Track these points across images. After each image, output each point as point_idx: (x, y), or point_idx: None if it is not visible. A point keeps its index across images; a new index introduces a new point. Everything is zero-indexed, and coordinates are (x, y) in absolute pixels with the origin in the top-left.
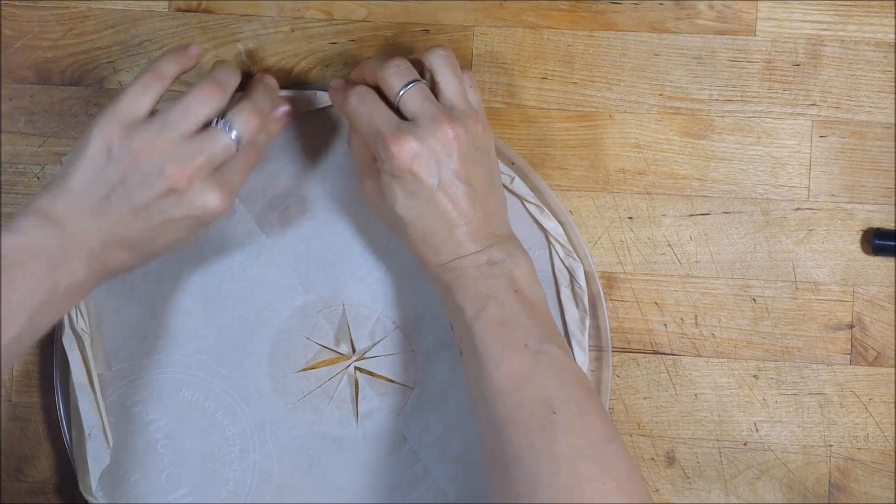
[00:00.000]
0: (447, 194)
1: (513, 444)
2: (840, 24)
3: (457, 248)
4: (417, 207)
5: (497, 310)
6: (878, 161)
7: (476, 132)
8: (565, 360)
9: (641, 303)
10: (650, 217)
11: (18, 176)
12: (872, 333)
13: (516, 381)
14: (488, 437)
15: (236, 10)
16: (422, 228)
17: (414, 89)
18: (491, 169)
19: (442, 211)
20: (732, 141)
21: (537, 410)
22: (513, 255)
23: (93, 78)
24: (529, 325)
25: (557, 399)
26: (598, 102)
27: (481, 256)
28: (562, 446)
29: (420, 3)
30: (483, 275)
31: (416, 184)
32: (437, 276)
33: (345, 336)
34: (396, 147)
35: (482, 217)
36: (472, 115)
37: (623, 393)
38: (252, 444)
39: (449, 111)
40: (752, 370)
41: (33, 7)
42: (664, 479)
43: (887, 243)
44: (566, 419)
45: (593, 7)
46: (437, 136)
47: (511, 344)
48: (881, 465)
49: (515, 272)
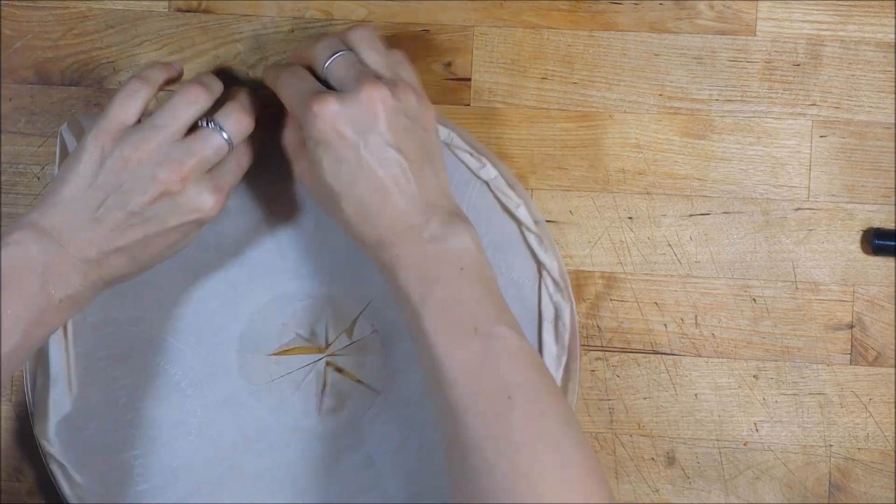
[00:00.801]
0: (375, 159)
1: (470, 432)
2: (840, 24)
3: (393, 219)
4: (346, 174)
5: (443, 293)
6: (878, 161)
7: (406, 100)
8: (518, 342)
9: (641, 303)
10: (650, 217)
11: (18, 176)
12: (872, 333)
13: (469, 367)
14: (445, 424)
15: (236, 10)
16: (353, 197)
17: (340, 58)
18: (426, 140)
19: (372, 179)
20: (732, 141)
21: (493, 397)
22: (456, 228)
23: (93, 78)
24: (478, 306)
25: (513, 384)
26: (598, 102)
27: (421, 231)
28: (519, 433)
29: (420, 3)
30: (425, 254)
31: (341, 148)
32: (377, 256)
33: (321, 330)
34: (318, 107)
35: (416, 186)
36: (401, 84)
37: (623, 393)
38: (212, 419)
39: (376, 75)
40: (752, 370)
41: (33, 7)
42: (664, 479)
43: (887, 243)
44: (522, 404)
45: (593, 7)
46: (359, 98)
47: (461, 329)
48: (881, 465)
49: (460, 248)
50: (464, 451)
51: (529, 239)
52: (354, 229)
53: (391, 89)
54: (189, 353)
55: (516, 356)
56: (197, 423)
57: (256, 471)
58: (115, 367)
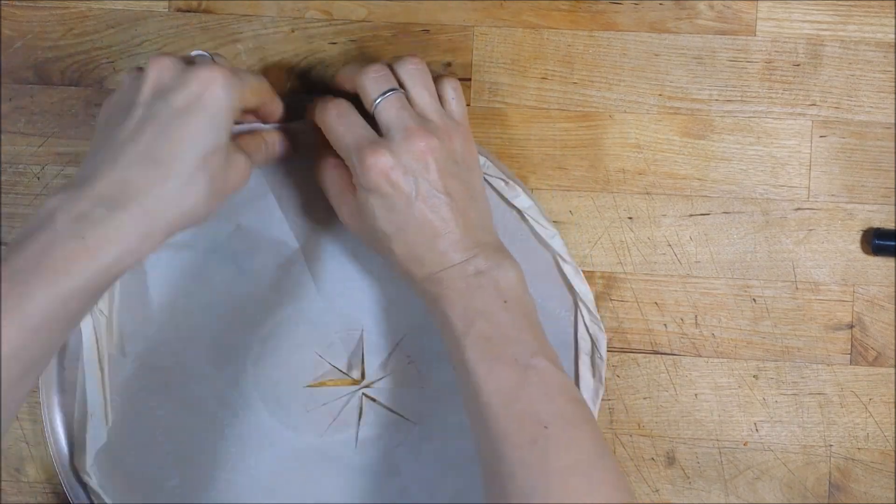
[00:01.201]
0: (426, 205)
1: (506, 460)
2: (840, 24)
3: (441, 258)
4: (397, 220)
5: (486, 325)
6: (878, 161)
7: (453, 144)
8: (555, 373)
9: (641, 303)
10: (650, 217)
11: (18, 176)
12: (872, 333)
13: (506, 396)
14: (483, 452)
15: (236, 10)
16: (404, 241)
17: (390, 98)
18: (470, 180)
19: (422, 221)
20: (732, 141)
21: (528, 425)
22: (500, 264)
23: (93, 78)
24: (519, 338)
25: (548, 413)
26: (598, 102)
27: (467, 266)
28: (553, 462)
29: (420, 3)
30: (470, 286)
31: (394, 196)
32: (424, 290)
33: (357, 362)
34: (372, 159)
35: (464, 227)
36: (449, 128)
37: (623, 393)
38: (250, 449)
39: (424, 123)
40: (752, 370)
41: (33, 7)
42: (664, 479)
43: (887, 243)
44: (557, 434)
45: (593, 7)
46: (410, 150)
47: (500, 359)
48: (881, 465)
49: (503, 282)
50: (500, 477)
51: (565, 269)
52: (403, 267)
53: (439, 137)
54: (225, 384)
55: (553, 387)
56: (235, 454)
57: (294, 499)
58: (151, 398)
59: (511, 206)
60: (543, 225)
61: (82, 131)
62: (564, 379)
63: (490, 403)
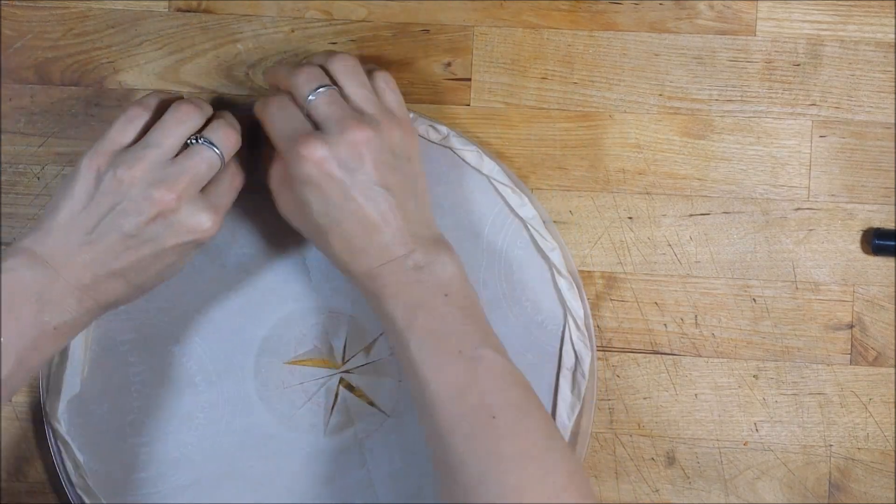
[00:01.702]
0: (362, 199)
1: (456, 450)
2: (840, 24)
3: (380, 252)
4: (333, 213)
5: (428, 318)
6: (878, 161)
7: (391, 136)
8: (502, 363)
9: (641, 303)
10: (650, 217)
11: (18, 176)
12: (872, 333)
13: (454, 389)
14: (432, 444)
15: (236, 10)
16: (340, 235)
17: (323, 94)
18: (409, 172)
19: (359, 216)
20: (732, 141)
21: (478, 416)
22: (439, 257)
23: (93, 78)
24: (462, 330)
25: (496, 404)
26: (598, 102)
27: (406, 261)
28: (506, 448)
29: (420, 3)
30: (410, 281)
31: (328, 189)
32: (364, 286)
33: (339, 346)
34: (305, 150)
35: (402, 220)
36: (387, 120)
37: (623, 393)
38: (220, 416)
39: (360, 116)
40: (752, 370)
41: (33, 7)
42: (664, 479)
43: (887, 243)
44: (507, 422)
45: (593, 7)
46: (344, 141)
47: (445, 352)
48: (881, 465)
49: (443, 276)
50: (452, 469)
51: (560, 283)
52: (341, 262)
53: (375, 129)
54: (208, 350)
55: (500, 377)
56: (204, 418)
57: (256, 475)
58: (132, 353)
59: (515, 215)
60: (545, 237)
61: (82, 131)
62: (511, 368)
63: (438, 397)
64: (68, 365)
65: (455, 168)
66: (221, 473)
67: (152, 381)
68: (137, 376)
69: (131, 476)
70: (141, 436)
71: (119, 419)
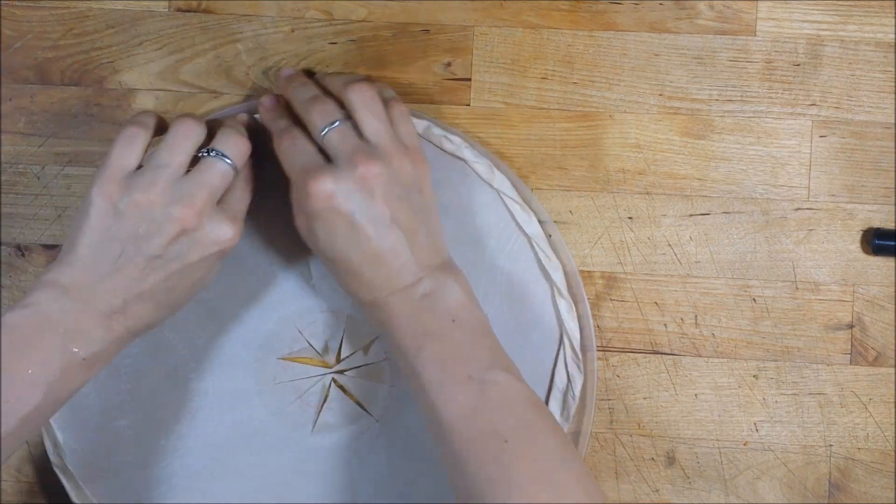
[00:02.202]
0: (371, 233)
1: (470, 478)
2: (840, 24)
3: (387, 284)
4: (340, 247)
5: (437, 346)
6: (878, 161)
7: (402, 168)
8: (513, 385)
9: (641, 303)
10: (650, 217)
11: (18, 176)
12: (872, 333)
13: (465, 415)
14: (450, 472)
15: (236, 10)
16: (348, 267)
17: (337, 129)
18: (419, 202)
19: (367, 250)
20: (732, 141)
21: (489, 443)
22: (446, 283)
23: (93, 78)
24: (471, 355)
25: (507, 427)
26: (598, 102)
27: (414, 290)
28: (516, 475)
29: (420, 3)
30: (417, 310)
31: (336, 224)
32: (372, 314)
33: (335, 346)
34: (313, 186)
35: (411, 253)
36: (398, 151)
37: (623, 393)
38: (209, 406)
39: (371, 149)
40: (752, 370)
41: (33, 7)
42: (664, 479)
43: (887, 243)
44: (518, 447)
45: (593, 7)
46: (355, 176)
47: (454, 379)
48: (881, 465)
49: (451, 301)
50: (468, 497)
51: (560, 304)
52: (349, 289)
53: (386, 162)
54: (205, 341)
55: (511, 399)
56: (195, 407)
57: (242, 467)
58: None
59: (521, 231)
60: (549, 256)
61: (82, 131)
62: (523, 389)
63: (451, 425)
64: None
65: (465, 179)
66: (207, 463)
67: (142, 366)
68: (127, 359)
69: (113, 458)
70: (126, 418)
71: (105, 400)
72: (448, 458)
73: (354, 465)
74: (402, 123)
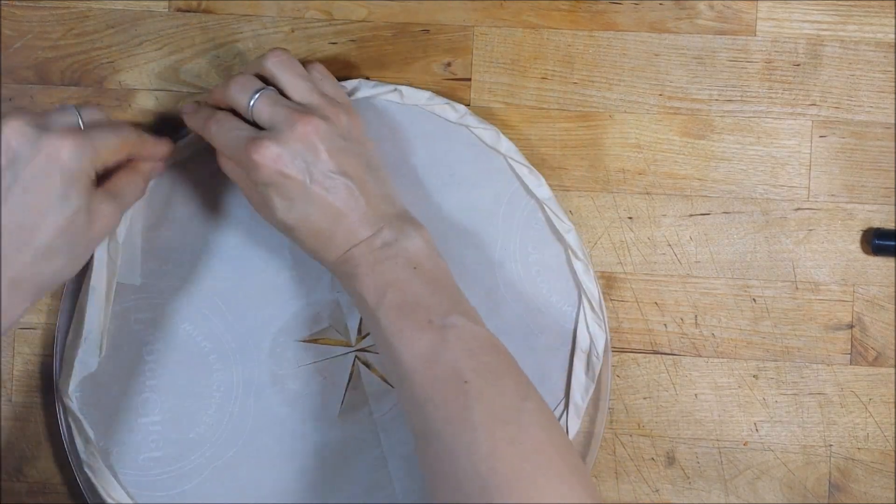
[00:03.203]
0: (323, 189)
1: (431, 420)
2: (840, 24)
3: (347, 237)
4: (298, 209)
5: (397, 294)
6: (878, 161)
7: (339, 121)
8: (472, 328)
9: (641, 303)
10: (650, 217)
11: None
12: (872, 333)
13: (425, 359)
14: (410, 417)
15: (236, 10)
16: (308, 229)
17: (261, 97)
18: (363, 154)
19: (323, 207)
20: (732, 141)
21: (450, 383)
22: (405, 231)
23: (93, 78)
24: (432, 301)
25: (467, 369)
26: (598, 102)
27: (374, 240)
28: (477, 414)
29: (420, 3)
30: (379, 259)
31: (289, 186)
32: (337, 271)
33: (355, 325)
34: (258, 155)
35: (365, 204)
36: (330, 105)
37: (623, 393)
38: (234, 396)
39: (303, 107)
40: (752, 370)
41: (33, 7)
42: (664, 479)
43: (887, 243)
44: (478, 387)
45: (593, 7)
46: (295, 135)
47: (415, 324)
48: (881, 465)
49: (411, 249)
50: (428, 439)
51: (576, 265)
52: (314, 252)
53: (323, 118)
54: (224, 330)
55: (471, 342)
56: (219, 398)
57: (271, 456)
58: (147, 332)
59: (531, 195)
60: (561, 218)
61: None
62: (482, 332)
63: (410, 368)
64: (83, 342)
65: (471, 147)
66: (235, 454)
67: (166, 360)
68: (151, 355)
69: (142, 455)
70: (153, 415)
71: (132, 398)
72: (407, 402)
73: (384, 443)
74: (326, 82)
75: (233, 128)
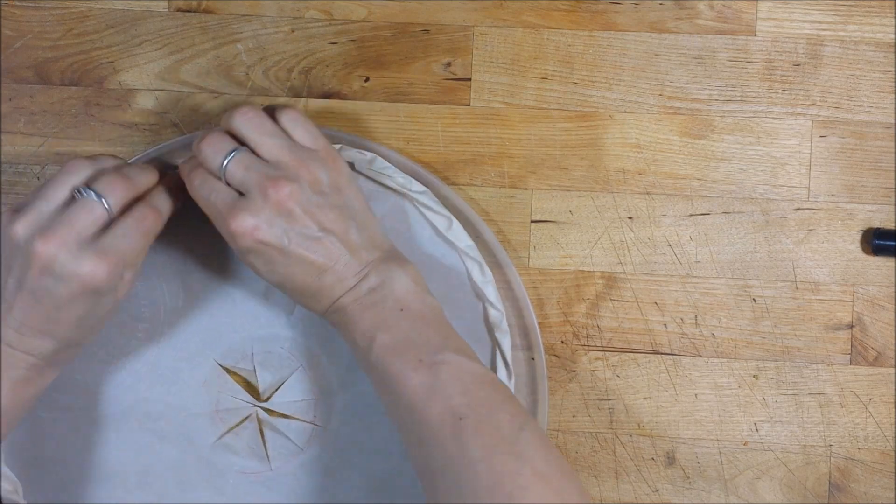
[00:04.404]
0: (303, 249)
1: (432, 459)
2: (840, 24)
3: (333, 289)
4: (280, 271)
5: (386, 336)
6: (878, 161)
7: (314, 176)
8: (464, 364)
9: (641, 303)
10: (650, 217)
11: (18, 176)
12: (872, 333)
13: (419, 398)
14: (412, 455)
15: (236, 10)
16: (293, 285)
17: (233, 161)
18: (344, 203)
19: (305, 265)
20: (732, 141)
21: (445, 421)
22: (391, 273)
23: (93, 78)
24: (421, 340)
25: (461, 405)
26: (598, 102)
27: (360, 288)
28: (474, 451)
29: (420, 3)
30: (365, 305)
31: (269, 252)
32: (329, 320)
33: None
34: (234, 226)
35: (348, 254)
36: (302, 162)
37: (623, 393)
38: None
39: (274, 170)
40: (752, 370)
41: (33, 7)
42: (664, 479)
43: (887, 243)
44: (474, 422)
45: (593, 7)
46: (269, 203)
47: (406, 364)
48: (881, 465)
49: (398, 290)
50: (432, 477)
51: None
52: (304, 305)
53: (294, 179)
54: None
55: (464, 377)
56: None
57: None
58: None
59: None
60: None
61: (82, 131)
62: (475, 367)
63: (408, 409)
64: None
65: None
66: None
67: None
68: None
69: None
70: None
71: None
72: (408, 443)
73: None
74: (297, 128)
75: (213, 189)
